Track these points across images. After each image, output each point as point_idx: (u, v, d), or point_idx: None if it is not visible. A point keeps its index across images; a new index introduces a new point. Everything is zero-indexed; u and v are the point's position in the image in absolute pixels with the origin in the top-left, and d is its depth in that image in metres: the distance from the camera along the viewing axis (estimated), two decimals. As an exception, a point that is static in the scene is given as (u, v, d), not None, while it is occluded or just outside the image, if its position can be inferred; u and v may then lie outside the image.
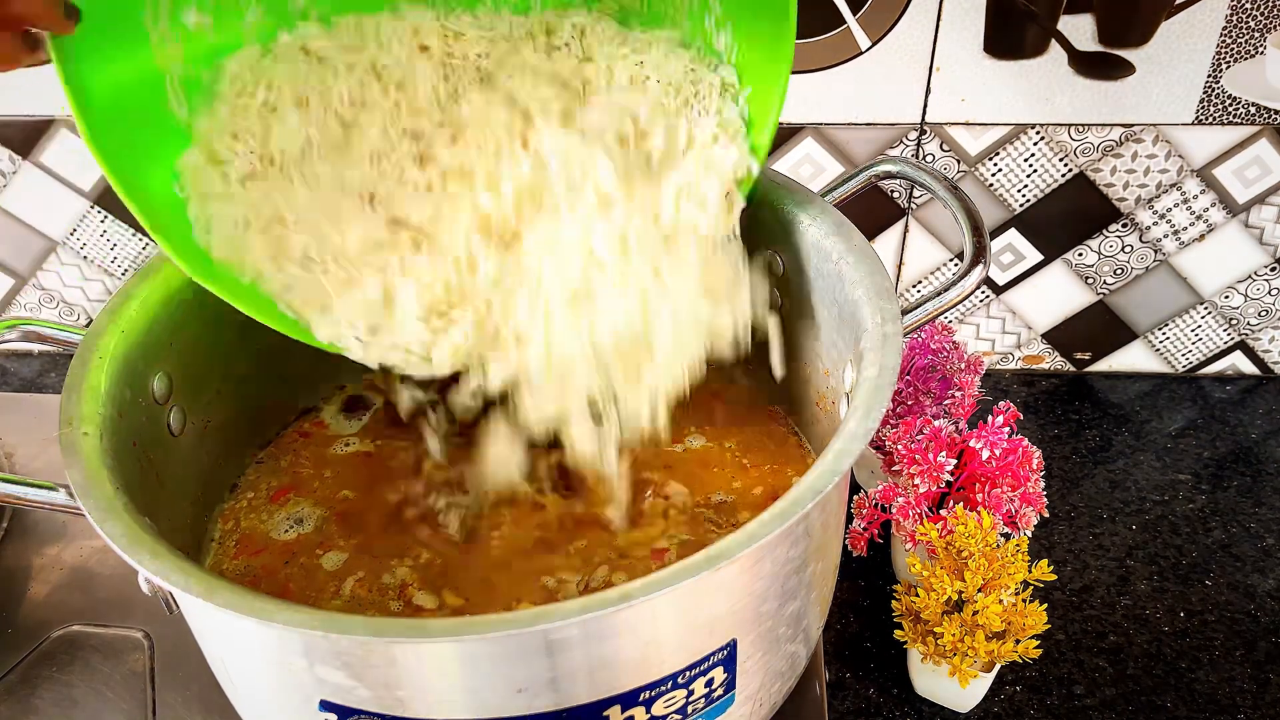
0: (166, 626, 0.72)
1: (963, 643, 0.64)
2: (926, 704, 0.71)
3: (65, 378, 0.55)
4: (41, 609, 0.75)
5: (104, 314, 0.59)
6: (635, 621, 0.47)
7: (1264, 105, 0.82)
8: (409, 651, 0.45)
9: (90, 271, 0.99)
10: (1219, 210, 0.87)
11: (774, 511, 0.46)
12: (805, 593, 0.55)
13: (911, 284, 0.94)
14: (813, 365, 0.67)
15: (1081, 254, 0.91)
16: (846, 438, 0.50)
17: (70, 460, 0.51)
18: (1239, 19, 0.78)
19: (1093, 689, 0.72)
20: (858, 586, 0.79)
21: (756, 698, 0.56)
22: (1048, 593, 0.77)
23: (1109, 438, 0.92)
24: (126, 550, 0.47)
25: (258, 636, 0.49)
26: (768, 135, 0.61)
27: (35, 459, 0.87)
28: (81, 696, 0.69)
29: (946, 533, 0.66)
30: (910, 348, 0.80)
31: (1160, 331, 0.95)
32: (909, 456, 0.69)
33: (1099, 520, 0.84)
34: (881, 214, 0.90)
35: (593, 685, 0.48)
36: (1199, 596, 0.78)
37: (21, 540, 0.81)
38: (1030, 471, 0.70)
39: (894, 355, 0.54)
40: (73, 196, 0.94)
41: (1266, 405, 0.94)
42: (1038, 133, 0.84)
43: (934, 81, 0.82)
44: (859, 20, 0.80)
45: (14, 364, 1.04)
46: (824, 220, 0.63)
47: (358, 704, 0.48)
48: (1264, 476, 0.88)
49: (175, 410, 0.62)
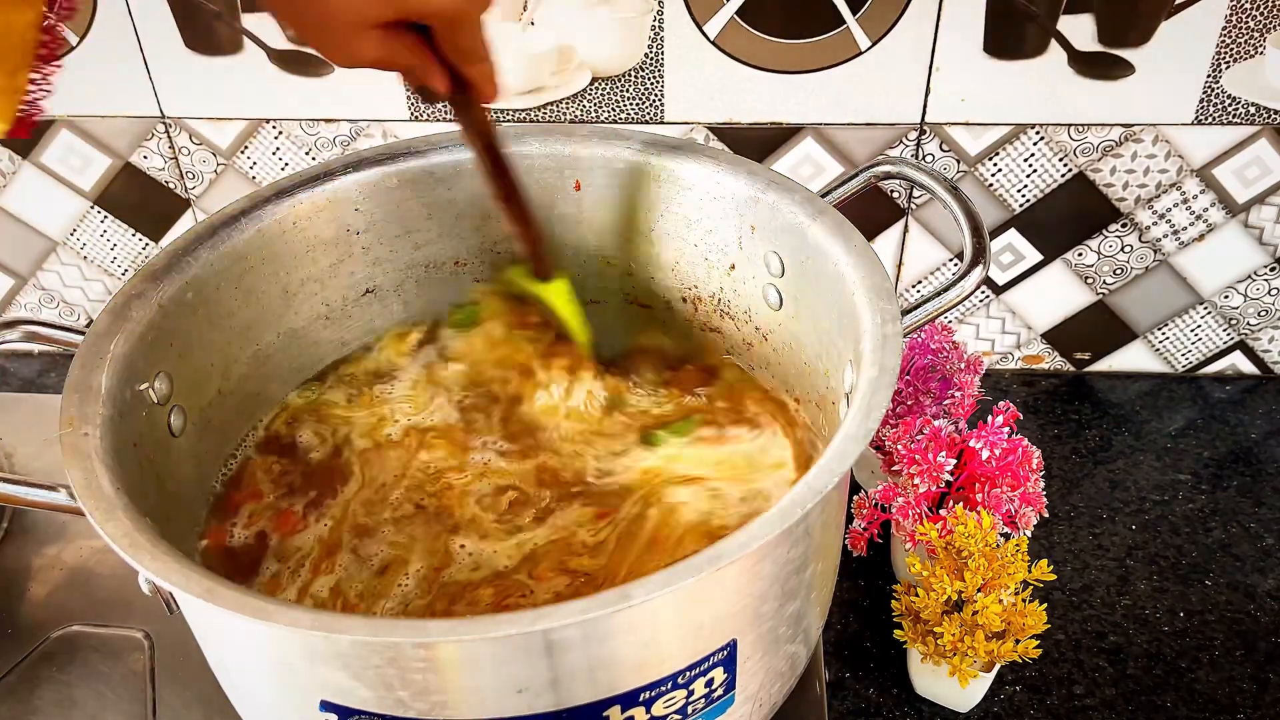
0: (166, 626, 0.72)
1: (962, 643, 0.64)
2: (926, 704, 0.71)
3: (65, 378, 0.55)
4: (41, 609, 0.76)
5: (104, 314, 0.59)
6: (635, 622, 0.47)
7: (1264, 105, 0.82)
8: (409, 652, 0.45)
9: (90, 271, 0.99)
10: (1219, 210, 0.87)
11: (774, 511, 0.46)
12: (805, 593, 0.55)
13: (911, 284, 0.94)
14: (813, 365, 0.67)
15: (1081, 254, 0.91)
16: (846, 438, 0.50)
17: (70, 460, 0.51)
18: (1239, 19, 0.78)
19: (1093, 689, 0.72)
20: (858, 586, 0.79)
21: (756, 698, 0.56)
22: (1048, 593, 0.77)
23: (1109, 438, 0.92)
24: (127, 550, 0.47)
25: (258, 637, 0.49)
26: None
27: (35, 459, 0.87)
28: (81, 696, 0.69)
29: (946, 533, 0.66)
30: (910, 348, 0.80)
31: (1160, 331, 0.95)
32: (909, 456, 0.70)
33: (1099, 520, 0.84)
34: (881, 214, 0.90)
35: (593, 685, 0.48)
36: (1199, 596, 0.78)
37: (21, 540, 0.81)
38: (1030, 471, 0.70)
39: (894, 356, 0.54)
40: (73, 196, 0.94)
41: (1266, 405, 0.94)
42: (1037, 133, 0.84)
43: (934, 81, 0.82)
44: (859, 20, 0.80)
45: (14, 364, 1.04)
46: (824, 220, 0.63)
47: (358, 704, 0.48)
48: (1264, 476, 0.88)
49: (175, 410, 0.62)
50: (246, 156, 0.91)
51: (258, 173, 0.92)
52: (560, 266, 0.70)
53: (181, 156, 0.91)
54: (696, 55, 0.82)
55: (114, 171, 0.93)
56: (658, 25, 0.81)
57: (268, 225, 0.67)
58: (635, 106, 0.85)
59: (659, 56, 0.83)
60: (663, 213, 0.72)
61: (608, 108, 0.86)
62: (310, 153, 0.90)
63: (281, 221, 0.68)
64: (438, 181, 0.72)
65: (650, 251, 0.74)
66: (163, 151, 0.91)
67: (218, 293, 0.65)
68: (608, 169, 0.71)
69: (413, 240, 0.74)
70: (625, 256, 0.75)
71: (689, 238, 0.72)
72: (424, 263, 0.75)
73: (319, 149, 0.90)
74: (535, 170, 0.72)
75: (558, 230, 0.75)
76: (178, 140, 0.90)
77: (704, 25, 0.81)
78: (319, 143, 0.89)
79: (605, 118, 0.86)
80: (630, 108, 0.86)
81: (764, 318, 0.71)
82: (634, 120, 0.86)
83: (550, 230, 0.75)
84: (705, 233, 0.71)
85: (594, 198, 0.73)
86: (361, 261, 0.73)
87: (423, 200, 0.72)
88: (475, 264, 0.76)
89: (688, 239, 0.72)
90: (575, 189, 0.73)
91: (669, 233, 0.72)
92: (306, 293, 0.71)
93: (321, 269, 0.71)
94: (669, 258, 0.74)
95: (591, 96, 0.85)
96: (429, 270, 0.75)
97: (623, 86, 0.84)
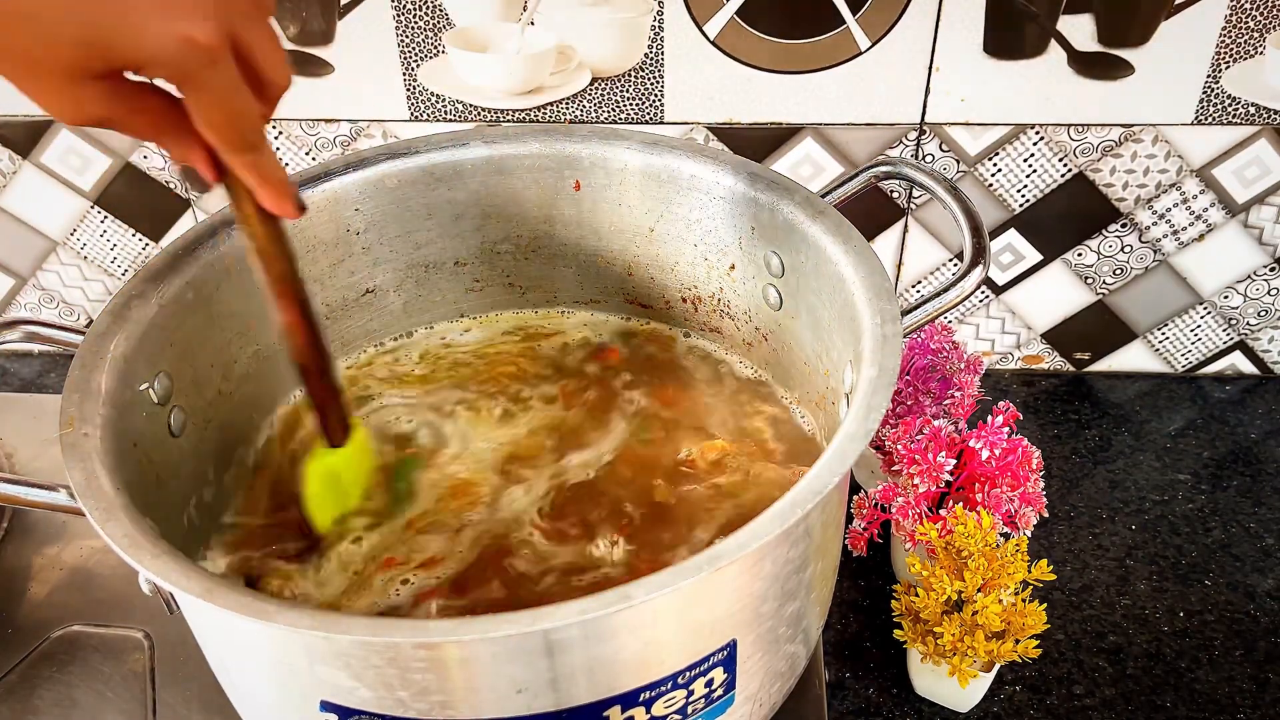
0: (166, 626, 0.72)
1: (962, 642, 0.64)
2: (926, 704, 0.71)
3: (65, 378, 0.55)
4: (41, 609, 0.75)
5: (105, 314, 0.59)
6: (635, 622, 0.47)
7: (1264, 105, 0.82)
8: (409, 652, 0.45)
9: (90, 271, 0.99)
10: (1218, 210, 0.87)
11: (774, 512, 0.46)
12: (805, 593, 0.55)
13: (911, 284, 0.94)
14: (813, 365, 0.67)
15: (1081, 254, 0.91)
16: (846, 438, 0.50)
17: (71, 460, 0.51)
18: (1239, 19, 0.78)
19: (1093, 689, 0.72)
20: (858, 586, 0.79)
21: (756, 698, 0.56)
22: (1047, 593, 0.77)
23: (1108, 438, 0.92)
24: (127, 551, 0.47)
25: (258, 637, 0.49)
26: None
27: (35, 459, 0.87)
28: (81, 696, 0.69)
29: (946, 533, 0.66)
30: (910, 348, 0.80)
31: (1160, 331, 0.95)
32: (909, 456, 0.70)
33: (1099, 520, 0.84)
34: (881, 214, 0.90)
35: (593, 685, 0.48)
36: (1199, 596, 0.78)
37: (21, 540, 0.81)
38: (1030, 471, 0.70)
39: (893, 356, 0.54)
40: (73, 196, 0.94)
41: (1266, 405, 0.94)
42: (1037, 133, 0.84)
43: (934, 81, 0.82)
44: (859, 20, 0.80)
45: (14, 364, 1.04)
46: (824, 220, 0.63)
47: (358, 704, 0.48)
48: (1264, 476, 0.88)
49: (175, 410, 0.62)
50: (246, 156, 0.91)
51: (258, 173, 0.92)
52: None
53: (181, 156, 0.91)
54: (696, 55, 0.82)
55: (114, 171, 0.93)
56: (658, 25, 0.81)
57: (268, 225, 0.67)
58: (635, 106, 0.85)
59: (659, 57, 0.83)
60: (663, 213, 0.72)
61: (608, 108, 0.86)
62: (310, 153, 0.90)
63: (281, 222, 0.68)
64: (438, 181, 0.72)
65: (650, 251, 0.74)
66: (163, 151, 0.91)
67: (218, 293, 0.65)
68: (607, 169, 0.71)
69: (413, 240, 0.74)
70: (625, 256, 0.75)
71: (689, 238, 0.72)
72: (424, 263, 0.75)
73: (319, 149, 0.90)
74: (535, 170, 0.72)
75: (558, 230, 0.75)
76: (178, 140, 0.90)
77: (704, 25, 0.81)
78: (319, 143, 0.89)
79: (605, 118, 0.86)
80: (630, 108, 0.86)
81: (764, 318, 0.71)
82: (634, 120, 0.86)
83: (550, 230, 0.75)
84: (705, 233, 0.71)
85: (594, 198, 0.73)
86: (361, 261, 0.73)
87: (423, 200, 0.72)
88: (475, 264, 0.76)
89: (688, 239, 0.72)
90: (575, 189, 0.73)
91: (669, 233, 0.72)
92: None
93: (321, 269, 0.71)
94: (669, 258, 0.74)
95: (591, 96, 0.85)
96: (429, 270, 0.75)
97: (623, 86, 0.84)
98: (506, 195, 0.73)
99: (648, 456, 0.68)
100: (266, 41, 0.43)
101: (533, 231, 0.75)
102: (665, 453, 0.68)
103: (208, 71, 0.41)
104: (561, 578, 0.60)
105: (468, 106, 0.87)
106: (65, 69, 0.40)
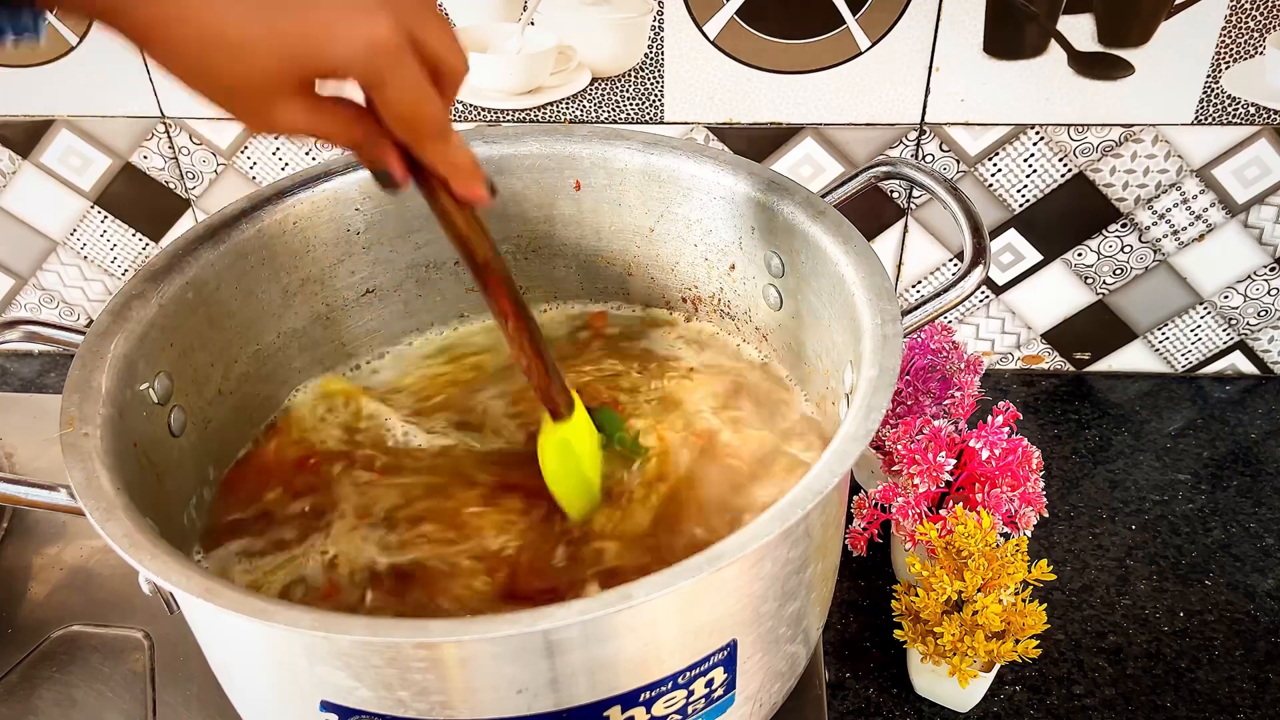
0: (166, 626, 0.72)
1: (962, 642, 0.64)
2: (926, 704, 0.71)
3: (65, 378, 0.55)
4: (41, 609, 0.75)
5: (105, 314, 0.59)
6: (635, 622, 0.47)
7: (1264, 105, 0.82)
8: (409, 652, 0.45)
9: (90, 271, 0.99)
10: (1218, 210, 0.87)
11: (774, 512, 0.46)
12: (805, 593, 0.55)
13: (911, 284, 0.94)
14: (813, 365, 0.67)
15: (1081, 254, 0.91)
16: (846, 438, 0.50)
17: (71, 460, 0.51)
18: (1239, 19, 0.78)
19: (1093, 689, 0.72)
20: (858, 586, 0.79)
21: (756, 698, 0.56)
22: (1047, 593, 0.77)
23: (1109, 438, 0.92)
24: (127, 551, 0.47)
25: (258, 637, 0.49)
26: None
27: (35, 459, 0.87)
28: (81, 696, 0.69)
29: (946, 533, 0.66)
30: (910, 348, 0.80)
31: (1160, 331, 0.95)
32: (909, 456, 0.70)
33: (1099, 520, 0.84)
34: (881, 214, 0.90)
35: (593, 686, 0.48)
36: (1199, 596, 0.78)
37: (21, 540, 0.81)
38: (1030, 471, 0.70)
39: (894, 356, 0.54)
40: (73, 196, 0.94)
41: (1266, 405, 0.94)
42: (1037, 133, 0.84)
43: (933, 82, 0.82)
44: (859, 20, 0.80)
45: (14, 364, 1.04)
46: (824, 221, 0.63)
47: (358, 704, 0.48)
48: (1264, 476, 0.88)
49: (175, 410, 0.62)
50: (246, 156, 0.91)
51: (258, 173, 0.92)
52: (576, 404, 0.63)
53: (181, 156, 0.91)
54: (696, 55, 0.82)
55: (114, 171, 0.93)
56: (657, 25, 0.81)
57: (268, 225, 0.67)
58: (635, 106, 0.85)
59: (659, 57, 0.83)
60: (663, 213, 0.72)
61: (608, 108, 0.86)
62: (310, 153, 0.90)
63: (281, 221, 0.68)
64: (438, 181, 0.72)
65: (650, 251, 0.74)
66: (163, 151, 0.91)
67: (218, 293, 0.65)
68: (608, 169, 0.71)
69: (413, 240, 0.74)
70: (625, 256, 0.75)
71: (689, 238, 0.72)
72: (424, 263, 0.75)
73: (319, 149, 0.90)
74: (535, 170, 0.72)
75: (558, 230, 0.75)
76: (178, 140, 0.90)
77: (704, 25, 0.81)
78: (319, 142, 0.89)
79: (605, 118, 0.86)
80: (630, 108, 0.86)
81: (764, 318, 0.71)
82: (634, 120, 0.86)
83: (550, 230, 0.75)
84: (705, 233, 0.71)
85: (594, 198, 0.73)
86: (361, 261, 0.73)
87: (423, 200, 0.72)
88: (475, 264, 0.76)
89: (688, 239, 0.72)
90: (575, 189, 0.73)
91: (669, 233, 0.73)
92: (306, 293, 0.71)
93: (321, 269, 0.71)
94: (669, 258, 0.74)
95: (591, 96, 0.85)
96: (429, 270, 0.75)
97: (623, 86, 0.84)
98: (506, 195, 0.73)
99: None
100: (441, 32, 0.45)
101: (533, 231, 0.75)
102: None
103: (394, 69, 0.43)
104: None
105: (468, 106, 0.87)
106: (267, 85, 0.43)
